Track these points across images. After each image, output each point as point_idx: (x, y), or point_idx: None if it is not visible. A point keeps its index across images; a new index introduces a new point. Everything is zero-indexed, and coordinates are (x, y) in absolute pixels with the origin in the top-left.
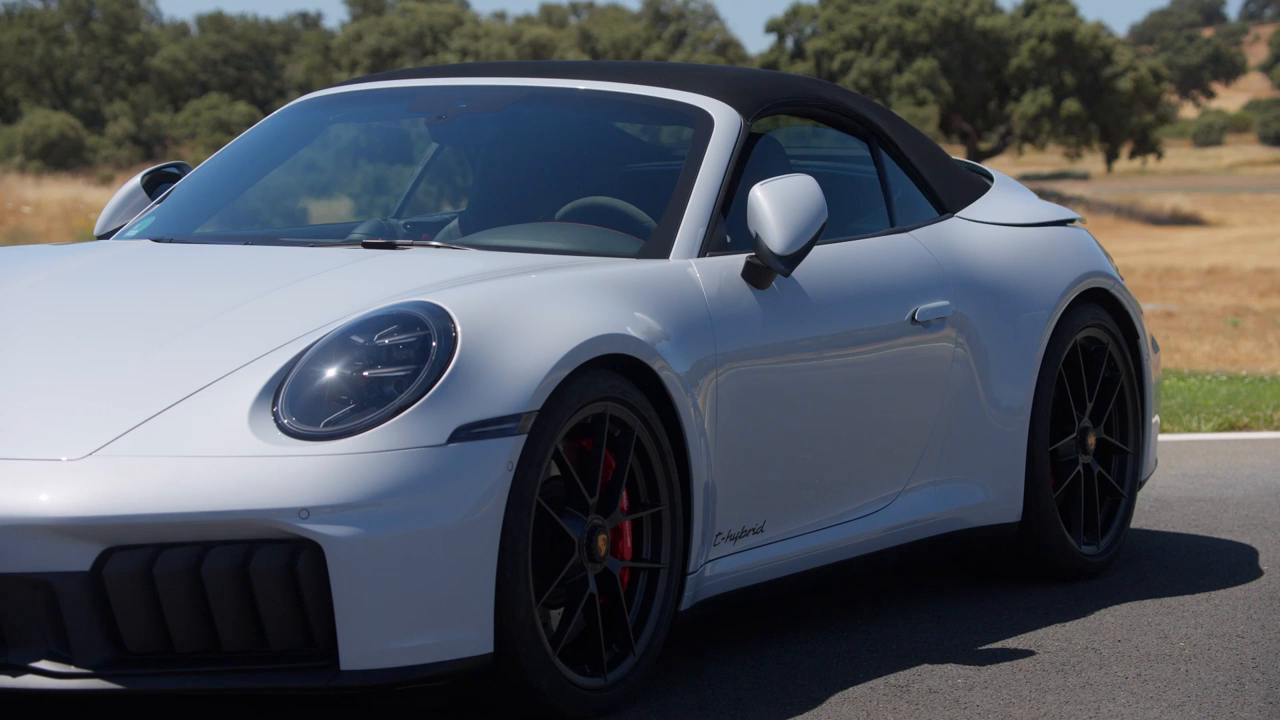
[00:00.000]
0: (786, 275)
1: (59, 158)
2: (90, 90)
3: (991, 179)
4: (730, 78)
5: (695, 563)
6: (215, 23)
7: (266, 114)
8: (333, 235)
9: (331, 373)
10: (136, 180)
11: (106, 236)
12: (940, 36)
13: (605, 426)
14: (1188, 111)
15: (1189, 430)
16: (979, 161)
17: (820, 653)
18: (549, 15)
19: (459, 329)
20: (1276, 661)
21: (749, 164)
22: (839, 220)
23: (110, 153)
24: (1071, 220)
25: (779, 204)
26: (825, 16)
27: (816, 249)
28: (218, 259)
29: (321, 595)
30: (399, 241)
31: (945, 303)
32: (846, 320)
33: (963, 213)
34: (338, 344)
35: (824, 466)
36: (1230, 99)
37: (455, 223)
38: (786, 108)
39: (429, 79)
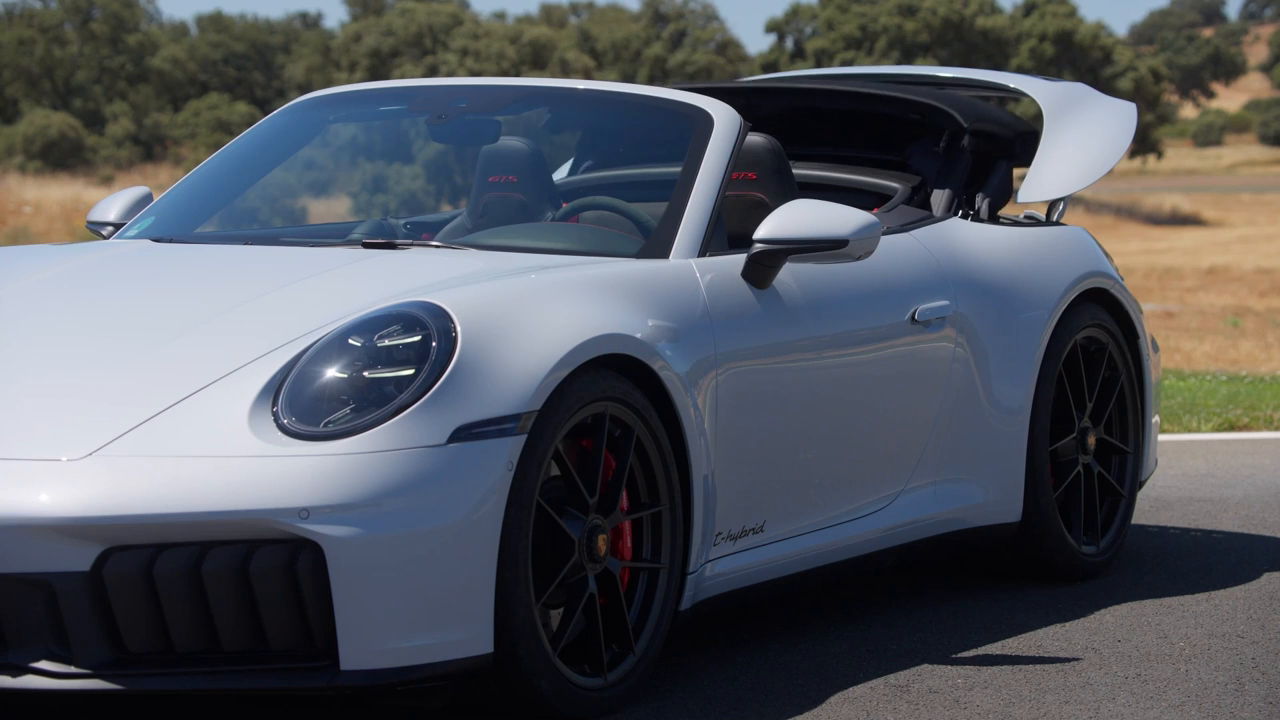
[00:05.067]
0: (755, 254)
1: (59, 158)
2: (90, 90)
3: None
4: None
5: (695, 563)
6: (215, 23)
7: (266, 114)
8: (333, 235)
9: (331, 373)
10: (146, 189)
11: (98, 226)
12: (940, 36)
13: (605, 426)
14: (1188, 111)
15: (1189, 430)
16: None
17: (820, 653)
18: (549, 15)
19: (459, 329)
20: (1276, 661)
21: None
22: None
23: (110, 153)
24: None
25: (788, 208)
26: (825, 16)
27: None
28: (218, 259)
29: (321, 595)
30: (399, 241)
31: (945, 303)
32: (846, 320)
33: (1022, 192)
34: (338, 344)
35: (824, 466)
36: (1230, 99)
37: (455, 222)
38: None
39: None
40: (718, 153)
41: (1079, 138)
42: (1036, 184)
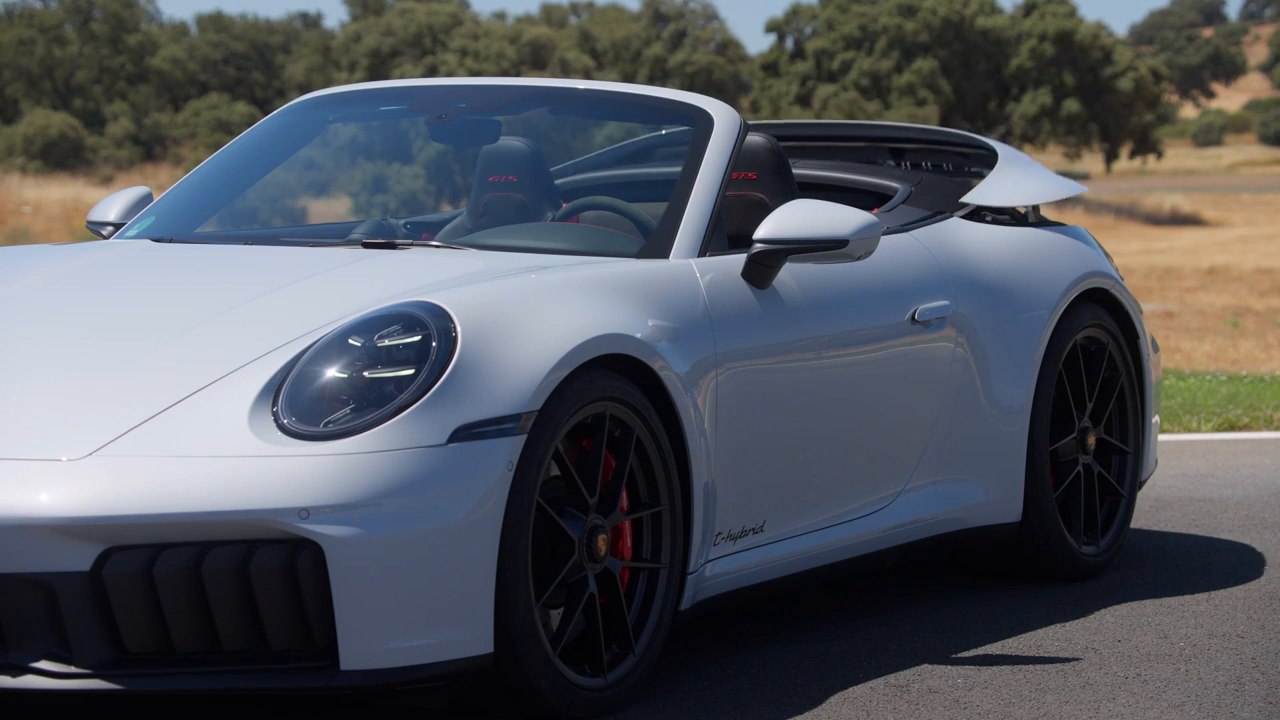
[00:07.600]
0: (755, 254)
1: (59, 158)
2: (90, 90)
3: (995, 153)
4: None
5: (695, 563)
6: (215, 23)
7: (266, 114)
8: (333, 235)
9: (331, 373)
10: (146, 189)
11: (98, 226)
12: (940, 36)
13: (605, 426)
14: (1188, 111)
15: (1189, 430)
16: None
17: (820, 653)
18: (549, 15)
19: (459, 329)
20: (1276, 661)
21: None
22: None
23: (110, 153)
24: (1079, 194)
25: (788, 208)
26: (825, 16)
27: None
28: (218, 259)
29: (321, 595)
30: (399, 241)
31: (945, 302)
32: (846, 320)
33: (970, 194)
34: (338, 344)
35: (824, 466)
36: (1230, 99)
37: (455, 222)
38: None
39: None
40: (718, 153)
41: (1029, 173)
42: (984, 192)
